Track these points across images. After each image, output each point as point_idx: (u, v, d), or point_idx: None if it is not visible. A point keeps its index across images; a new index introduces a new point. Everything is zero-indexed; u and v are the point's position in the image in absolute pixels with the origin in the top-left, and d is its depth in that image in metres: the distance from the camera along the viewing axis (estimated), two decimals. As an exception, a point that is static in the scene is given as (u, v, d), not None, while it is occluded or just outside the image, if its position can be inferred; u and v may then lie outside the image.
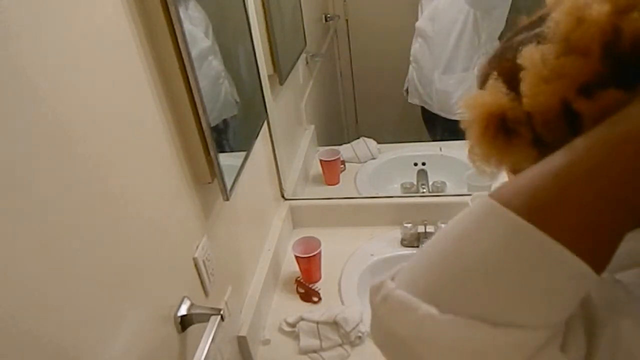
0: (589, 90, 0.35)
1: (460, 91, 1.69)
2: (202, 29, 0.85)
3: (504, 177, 0.47)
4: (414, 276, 0.36)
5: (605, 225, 0.32)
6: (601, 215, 0.32)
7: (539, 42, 0.39)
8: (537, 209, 0.32)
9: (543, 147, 0.38)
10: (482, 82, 0.47)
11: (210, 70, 0.88)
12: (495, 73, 0.43)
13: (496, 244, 0.33)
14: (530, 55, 0.38)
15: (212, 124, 0.81)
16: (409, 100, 1.94)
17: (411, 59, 1.89)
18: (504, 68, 0.43)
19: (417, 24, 1.81)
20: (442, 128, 1.83)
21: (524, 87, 0.38)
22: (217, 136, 0.85)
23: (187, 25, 0.73)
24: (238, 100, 0.99)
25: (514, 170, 0.44)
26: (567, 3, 0.36)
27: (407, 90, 1.96)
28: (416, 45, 1.85)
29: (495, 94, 0.41)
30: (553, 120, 0.37)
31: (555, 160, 0.34)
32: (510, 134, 0.40)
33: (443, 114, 1.79)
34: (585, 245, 0.31)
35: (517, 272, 0.32)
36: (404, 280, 0.36)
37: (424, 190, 1.55)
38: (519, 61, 0.39)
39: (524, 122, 0.39)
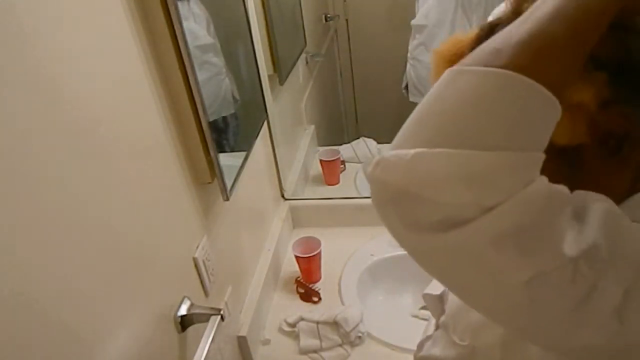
0: None
1: None
2: (204, 26, 0.85)
3: None
4: (399, 139, 0.39)
5: (555, 58, 0.37)
6: (550, 53, 0.36)
7: None
8: (492, 58, 0.36)
9: (604, 68, 0.41)
10: None
11: (211, 65, 0.88)
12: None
13: (463, 89, 0.37)
14: None
15: (210, 119, 0.81)
16: (411, 99, 1.94)
17: (409, 55, 1.90)
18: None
19: (413, 21, 1.83)
20: None
21: None
22: (217, 136, 0.85)
23: (189, 23, 0.73)
24: (238, 98, 0.99)
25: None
26: None
27: (406, 88, 1.97)
28: (414, 42, 1.87)
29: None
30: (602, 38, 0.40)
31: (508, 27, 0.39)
32: None
33: None
34: (547, 81, 0.35)
35: (491, 104, 0.36)
36: (394, 146, 0.39)
37: (424, 190, 1.55)
38: None
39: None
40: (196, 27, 0.80)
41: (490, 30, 0.48)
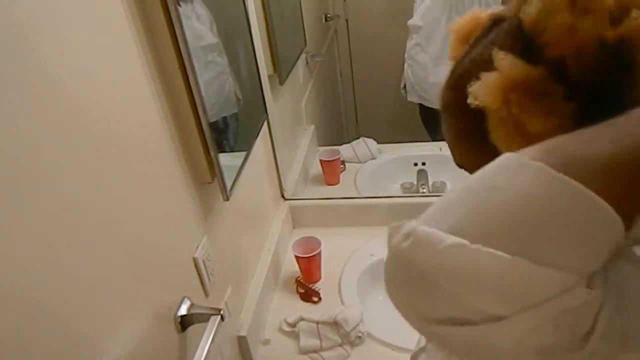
0: (620, 15, 0.36)
1: None
2: (208, 26, 0.85)
3: None
4: (439, 216, 0.35)
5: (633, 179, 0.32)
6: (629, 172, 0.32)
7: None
8: (569, 163, 0.32)
9: (577, 96, 0.38)
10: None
11: (215, 65, 0.88)
12: (496, 50, 0.42)
13: (528, 188, 0.32)
14: (540, 7, 0.38)
15: (212, 120, 0.81)
16: (408, 99, 1.95)
17: (406, 55, 1.91)
18: (506, 46, 0.42)
19: (409, 22, 1.84)
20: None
21: (552, 36, 0.38)
22: (217, 136, 0.85)
23: (193, 22, 0.73)
24: (241, 98, 0.99)
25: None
26: None
27: (404, 88, 1.97)
28: (410, 42, 1.88)
29: (508, 67, 0.40)
30: (590, 60, 0.37)
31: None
32: (542, 96, 0.39)
33: None
34: (615, 197, 0.31)
35: (555, 217, 0.32)
36: (428, 219, 0.35)
37: (424, 190, 1.55)
38: (528, 17, 0.39)
39: (551, 77, 0.39)
40: (200, 26, 0.80)
41: (495, 23, 0.45)
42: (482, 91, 0.41)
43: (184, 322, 0.80)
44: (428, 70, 1.81)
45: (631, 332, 0.33)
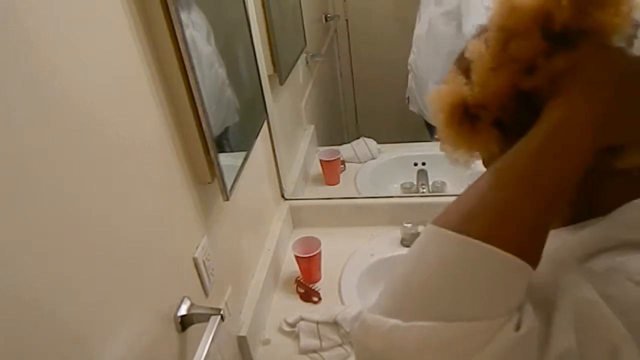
0: (534, 68, 0.39)
1: None
2: (204, 35, 0.85)
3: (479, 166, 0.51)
4: (381, 300, 0.41)
5: (525, 222, 0.38)
6: (518, 213, 0.38)
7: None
8: (466, 222, 0.38)
9: (504, 127, 0.43)
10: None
11: (216, 78, 0.88)
12: (454, 67, 0.46)
13: (438, 257, 0.39)
14: (475, 48, 0.42)
15: (216, 133, 0.82)
16: (410, 108, 1.94)
17: (409, 67, 1.89)
18: (462, 63, 0.46)
19: (416, 31, 1.81)
20: None
21: (475, 78, 0.43)
22: (217, 136, 0.85)
23: (190, 31, 0.73)
24: (239, 107, 0.99)
25: (486, 161, 0.49)
26: None
27: (408, 99, 1.95)
28: (413, 55, 1.85)
29: (455, 85, 0.45)
30: (508, 103, 0.42)
31: (479, 180, 0.40)
32: (473, 119, 0.44)
33: None
34: (515, 244, 0.37)
35: (460, 276, 0.37)
36: (375, 306, 0.41)
37: (424, 190, 1.55)
38: (466, 55, 0.44)
39: (483, 106, 0.43)
40: (197, 35, 0.80)
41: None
42: (435, 99, 0.46)
43: (184, 322, 0.80)
44: (430, 87, 1.77)
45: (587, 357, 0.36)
